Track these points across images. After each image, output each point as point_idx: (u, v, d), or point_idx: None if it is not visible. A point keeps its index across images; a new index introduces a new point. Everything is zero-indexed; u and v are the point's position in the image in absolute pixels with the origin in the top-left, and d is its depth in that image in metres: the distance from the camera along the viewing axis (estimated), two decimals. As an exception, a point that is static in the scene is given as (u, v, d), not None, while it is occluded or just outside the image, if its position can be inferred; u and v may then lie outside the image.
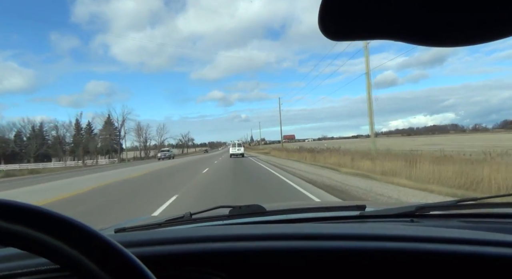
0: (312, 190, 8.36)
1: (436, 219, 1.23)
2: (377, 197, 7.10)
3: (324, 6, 0.34)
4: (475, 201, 1.28)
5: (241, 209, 1.29)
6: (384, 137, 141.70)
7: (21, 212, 0.39)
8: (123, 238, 0.88)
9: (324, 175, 11.94)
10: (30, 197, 9.70)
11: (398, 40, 0.36)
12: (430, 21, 0.33)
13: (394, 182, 9.28)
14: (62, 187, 12.53)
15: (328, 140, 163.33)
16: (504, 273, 0.70)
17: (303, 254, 0.77)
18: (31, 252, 0.39)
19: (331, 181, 10.04)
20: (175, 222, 1.22)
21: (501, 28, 0.32)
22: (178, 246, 0.81)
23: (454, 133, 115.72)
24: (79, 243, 0.39)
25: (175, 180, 12.88)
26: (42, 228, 0.38)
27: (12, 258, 0.75)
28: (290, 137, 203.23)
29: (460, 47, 0.35)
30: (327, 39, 0.37)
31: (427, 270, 0.72)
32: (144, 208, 6.93)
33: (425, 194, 7.20)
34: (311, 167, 16.76)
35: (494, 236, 0.83)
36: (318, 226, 1.06)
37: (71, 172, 27.10)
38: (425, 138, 69.97)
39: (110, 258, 0.39)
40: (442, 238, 0.80)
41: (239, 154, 33.89)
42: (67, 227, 0.39)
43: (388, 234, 0.83)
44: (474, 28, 0.33)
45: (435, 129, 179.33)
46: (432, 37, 0.35)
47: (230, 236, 0.86)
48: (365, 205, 1.33)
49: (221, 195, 8.17)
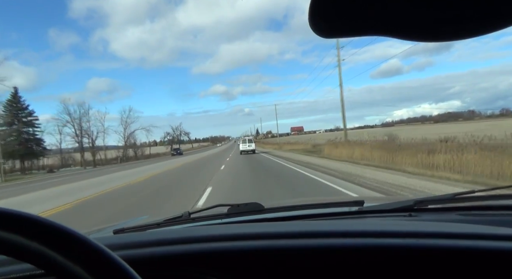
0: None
1: (434, 212, 1.24)
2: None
3: (314, 3, 0.34)
4: (473, 193, 1.30)
5: (239, 207, 1.30)
6: (402, 125, 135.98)
7: (3, 217, 0.38)
8: (121, 240, 0.87)
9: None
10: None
11: (389, 36, 0.35)
12: (421, 16, 0.33)
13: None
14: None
15: (340, 131, 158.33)
16: (502, 267, 0.70)
17: (301, 252, 0.77)
18: (15, 258, 0.38)
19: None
20: (173, 221, 1.23)
21: (494, 21, 0.32)
22: (176, 246, 0.80)
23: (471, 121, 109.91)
24: (64, 248, 0.38)
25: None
26: (26, 233, 0.37)
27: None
28: (299, 129, 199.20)
29: (452, 41, 0.35)
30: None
31: (425, 265, 0.72)
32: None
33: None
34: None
35: (492, 230, 0.83)
36: (316, 223, 1.07)
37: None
38: (447, 126, 64.43)
39: (96, 262, 0.38)
40: (440, 233, 0.80)
41: (250, 150, 30.97)
42: (52, 231, 0.38)
43: (386, 230, 0.83)
44: (464, 23, 0.32)
45: (450, 117, 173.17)
46: (423, 32, 0.35)
47: (228, 235, 0.85)
48: (363, 201, 1.35)
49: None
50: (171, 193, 9.31)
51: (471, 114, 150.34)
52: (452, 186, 7.03)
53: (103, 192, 10.82)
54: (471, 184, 7.00)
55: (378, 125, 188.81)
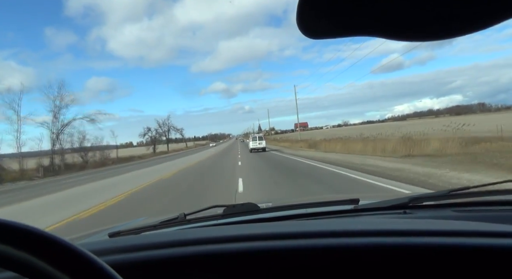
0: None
1: (429, 209, 1.23)
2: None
3: (302, 4, 0.33)
4: (467, 189, 1.31)
5: (235, 208, 1.29)
6: (415, 119, 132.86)
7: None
8: (115, 244, 0.86)
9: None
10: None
11: (378, 36, 0.35)
12: (411, 16, 0.32)
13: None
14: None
15: (349, 126, 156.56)
16: (498, 264, 0.70)
17: (297, 253, 0.77)
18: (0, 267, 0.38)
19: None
20: (169, 223, 1.22)
21: (485, 18, 0.31)
22: (171, 249, 0.80)
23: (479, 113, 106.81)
24: (47, 254, 0.38)
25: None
26: (7, 241, 0.37)
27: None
28: (303, 125, 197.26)
29: (442, 40, 0.34)
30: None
31: (421, 263, 0.72)
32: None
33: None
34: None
35: (487, 227, 0.83)
36: (311, 223, 1.07)
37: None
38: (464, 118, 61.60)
39: (80, 267, 0.38)
40: (434, 230, 0.80)
41: (260, 148, 29.01)
42: (35, 238, 0.38)
43: (380, 229, 0.83)
44: (455, 20, 0.32)
45: (459, 110, 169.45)
46: (414, 31, 0.34)
47: (223, 237, 0.85)
48: (358, 199, 1.33)
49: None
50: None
51: (481, 106, 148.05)
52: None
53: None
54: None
55: (389, 119, 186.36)
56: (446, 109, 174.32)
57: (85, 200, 9.41)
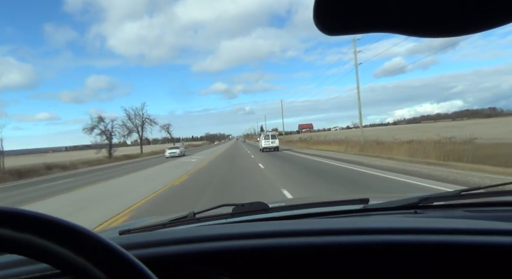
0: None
1: (440, 209, 1.23)
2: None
3: (319, 1, 0.33)
4: (478, 189, 1.30)
5: (244, 207, 1.29)
6: (431, 121, 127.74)
7: (26, 220, 0.39)
8: (127, 240, 0.87)
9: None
10: None
11: (394, 32, 0.35)
12: (426, 11, 0.33)
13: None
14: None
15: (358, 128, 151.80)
16: (506, 263, 0.70)
17: (307, 250, 0.77)
18: (34, 259, 0.39)
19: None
20: (179, 222, 1.23)
21: (498, 16, 0.32)
22: (182, 246, 0.81)
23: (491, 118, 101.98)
24: (82, 248, 0.39)
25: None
26: (46, 235, 0.38)
27: (10, 265, 0.72)
28: (308, 126, 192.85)
29: (456, 36, 0.35)
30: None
31: (431, 261, 0.72)
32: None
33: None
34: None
35: (497, 225, 0.83)
36: (321, 221, 1.07)
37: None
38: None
39: (113, 262, 0.39)
40: (445, 229, 0.80)
41: (273, 147, 27.81)
42: (70, 232, 0.39)
43: (390, 227, 0.83)
44: (469, 18, 0.32)
45: (469, 114, 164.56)
46: (428, 27, 0.34)
47: (234, 234, 0.85)
48: (368, 198, 1.33)
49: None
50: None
51: (492, 111, 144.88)
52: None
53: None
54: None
55: (402, 121, 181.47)
56: (455, 113, 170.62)
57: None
